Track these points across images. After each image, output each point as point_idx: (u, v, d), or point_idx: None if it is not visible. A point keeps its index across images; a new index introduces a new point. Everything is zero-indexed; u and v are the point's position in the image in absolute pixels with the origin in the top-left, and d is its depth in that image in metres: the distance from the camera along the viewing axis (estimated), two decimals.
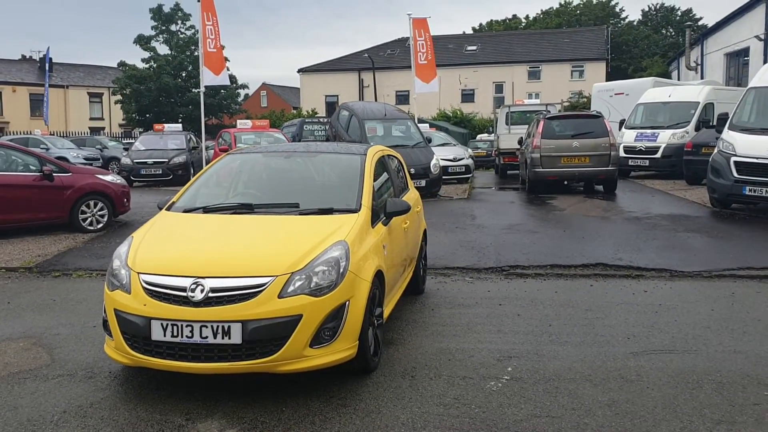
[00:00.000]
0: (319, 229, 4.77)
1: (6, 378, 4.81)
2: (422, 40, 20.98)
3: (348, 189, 5.41)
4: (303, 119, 21.63)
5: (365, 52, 55.60)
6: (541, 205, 13.80)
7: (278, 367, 4.20)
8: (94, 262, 9.04)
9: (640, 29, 69.18)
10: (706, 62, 30.63)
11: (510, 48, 55.93)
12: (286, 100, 70.45)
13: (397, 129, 15.71)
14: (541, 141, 15.11)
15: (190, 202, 5.41)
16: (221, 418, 4.11)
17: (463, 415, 4.12)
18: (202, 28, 18.38)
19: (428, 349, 5.37)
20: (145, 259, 4.47)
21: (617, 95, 24.00)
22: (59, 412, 4.22)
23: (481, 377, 4.74)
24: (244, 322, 4.09)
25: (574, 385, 4.57)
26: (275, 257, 4.36)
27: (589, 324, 6.05)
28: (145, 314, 4.19)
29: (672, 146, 18.49)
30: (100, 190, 11.00)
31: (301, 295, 4.21)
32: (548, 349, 5.35)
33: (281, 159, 6.14)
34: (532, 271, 8.36)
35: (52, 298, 7.17)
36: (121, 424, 4.04)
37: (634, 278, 7.96)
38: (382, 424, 4.01)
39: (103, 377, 4.81)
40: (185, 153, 20.38)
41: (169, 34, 46.29)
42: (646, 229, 10.80)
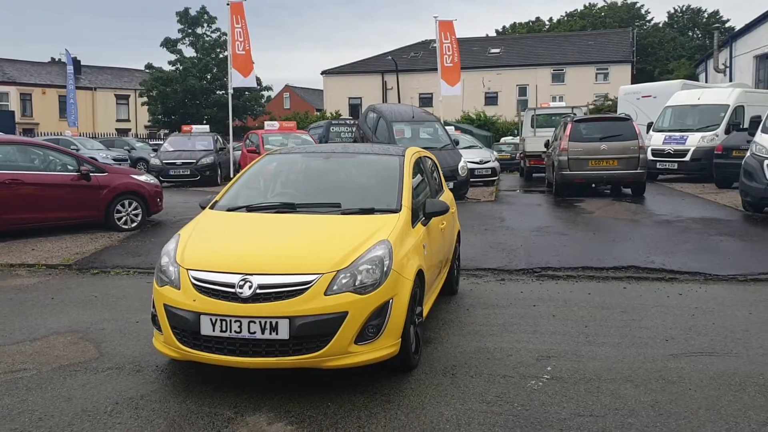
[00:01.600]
0: (362, 229, 4.85)
1: (57, 370, 4.94)
2: (448, 42, 21.04)
3: (388, 189, 5.49)
4: (329, 121, 21.78)
5: (388, 55, 55.69)
6: (569, 208, 13.77)
7: (324, 362, 4.28)
8: (130, 260, 9.21)
9: (665, 31, 68.66)
10: (735, 64, 30.34)
11: (534, 51, 55.71)
12: (309, 102, 70.83)
13: (425, 131, 15.77)
14: (569, 144, 15.08)
15: (232, 201, 5.53)
16: (269, 412, 4.20)
17: (506, 413, 4.17)
18: (231, 30, 18.59)
19: (466, 348, 5.43)
20: (193, 256, 4.58)
21: (644, 98, 23.85)
22: (112, 403, 4.34)
23: (521, 376, 4.79)
24: (291, 318, 4.18)
25: (615, 386, 4.61)
26: (321, 255, 4.45)
27: (625, 326, 6.07)
28: (195, 309, 4.30)
29: (701, 149, 18.34)
30: (134, 190, 11.19)
31: (346, 293, 4.30)
32: (586, 349, 5.38)
33: (321, 159, 6.24)
34: (563, 273, 8.38)
35: (94, 295, 7.33)
36: (172, 416, 4.15)
37: (668, 281, 7.95)
38: (427, 421, 4.07)
39: (150, 371, 4.93)
40: (213, 154, 20.59)
41: (195, 37, 46.72)
42: (677, 232, 10.76)
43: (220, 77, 47.33)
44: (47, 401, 4.38)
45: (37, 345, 5.54)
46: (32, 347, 5.48)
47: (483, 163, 19.21)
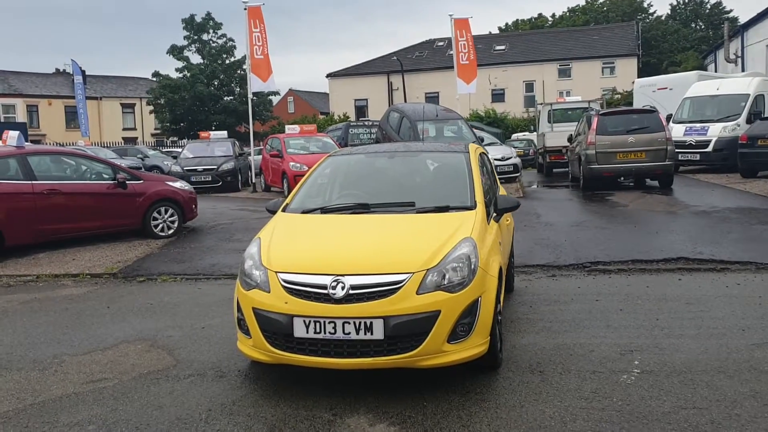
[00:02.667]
0: (443, 227, 4.80)
1: (138, 378, 4.90)
2: (464, 40, 20.98)
3: (459, 186, 5.44)
4: (348, 123, 21.72)
5: (393, 55, 55.64)
6: (602, 202, 13.70)
7: (418, 362, 4.23)
8: (175, 266, 9.16)
9: (668, 24, 68.49)
10: (747, 54, 30.21)
11: (539, 47, 55.60)
12: (314, 106, 70.76)
13: (449, 129, 15.71)
14: (596, 137, 15.02)
15: (304, 204, 5.48)
16: (366, 413, 4.15)
17: (608, 408, 4.11)
18: (249, 35, 18.54)
19: (544, 345, 5.36)
20: (280, 258, 4.53)
21: (660, 90, 23.78)
22: (205, 410, 4.29)
23: (611, 371, 4.73)
24: (385, 318, 4.13)
25: (709, 377, 4.54)
26: (409, 255, 4.40)
27: (696, 317, 6.00)
28: (287, 312, 4.25)
29: (723, 139, 18.27)
30: (170, 197, 11.15)
31: (438, 291, 4.24)
32: (666, 342, 5.32)
33: (385, 159, 6.18)
34: (614, 266, 8.32)
35: (149, 303, 7.28)
36: (270, 421, 4.10)
37: (720, 271, 7.88)
38: (530, 419, 4.02)
39: (233, 376, 4.87)
40: (233, 159, 20.57)
41: (201, 43, 46.76)
42: (717, 222, 10.68)
43: (228, 83, 47.45)
44: (138, 410, 4.33)
45: (110, 354, 5.49)
46: (105, 356, 5.43)
47: (505, 159, 19.14)
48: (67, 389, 4.73)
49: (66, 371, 5.10)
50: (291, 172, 17.00)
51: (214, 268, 8.98)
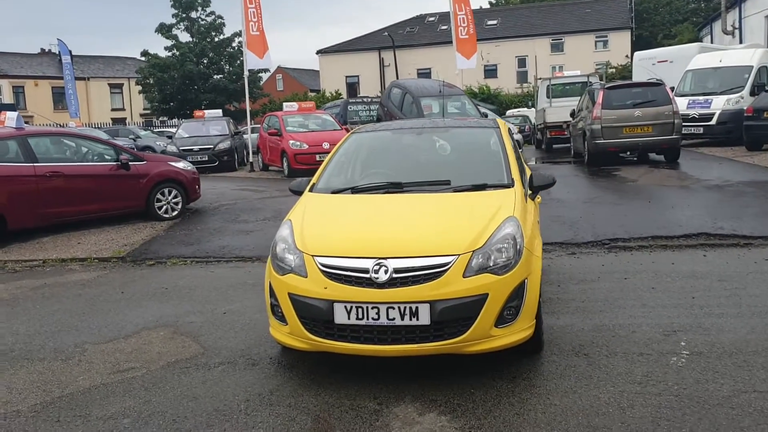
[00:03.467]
0: (483, 206, 4.59)
1: (167, 368, 4.70)
2: (462, 14, 20.65)
3: (493, 163, 5.23)
4: (346, 100, 21.39)
5: (384, 31, 55.05)
6: (609, 177, 13.53)
7: (466, 347, 4.05)
8: (184, 249, 8.94)
9: None
10: (745, 26, 29.97)
11: (530, 21, 55.14)
12: (303, 83, 70.07)
13: (453, 105, 15.44)
14: (601, 111, 14.79)
15: (332, 183, 5.26)
16: (413, 401, 3.97)
17: (664, 393, 3.95)
18: (245, 11, 18.13)
19: (583, 326, 5.20)
20: (317, 241, 4.31)
21: (660, 63, 23.54)
22: (242, 401, 4.10)
23: (659, 353, 4.57)
24: (432, 303, 3.94)
25: (763, 359, 4.39)
26: (453, 236, 4.20)
27: (732, 294, 5.85)
28: (328, 297, 4.04)
29: (727, 112, 18.08)
30: (173, 178, 10.88)
31: (485, 274, 4.05)
32: (709, 321, 5.16)
33: (413, 136, 5.95)
34: (634, 243, 8.17)
35: (164, 287, 7.06)
36: (314, 412, 3.92)
37: (744, 247, 7.74)
38: (586, 405, 3.85)
39: (266, 364, 4.68)
40: (229, 138, 20.24)
41: (189, 21, 46.01)
42: (733, 196, 10.54)
43: (217, 61, 46.81)
44: (172, 401, 4.14)
45: (133, 342, 5.28)
46: (128, 344, 5.23)
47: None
48: (94, 380, 4.53)
49: (90, 361, 4.89)
50: (291, 150, 16.72)
51: (224, 251, 8.76)
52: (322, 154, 16.58)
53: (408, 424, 3.72)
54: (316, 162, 16.56)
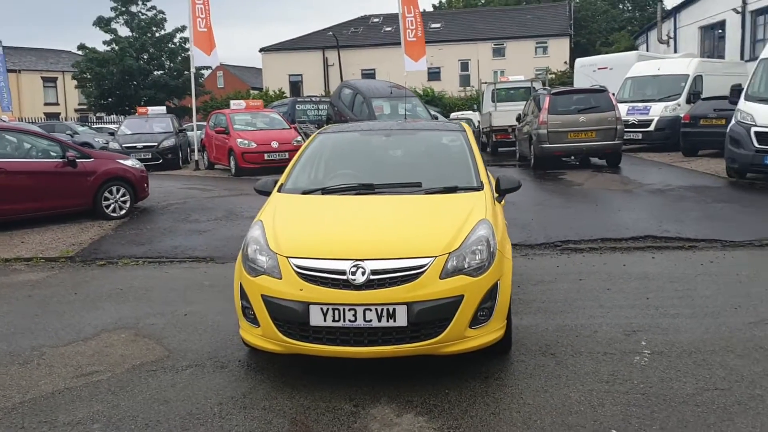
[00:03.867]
0: (456, 209, 4.65)
1: (132, 371, 4.59)
2: (411, 16, 20.75)
3: (462, 166, 5.30)
4: (294, 99, 21.22)
5: (329, 30, 54.86)
6: (556, 181, 13.84)
7: (441, 348, 4.09)
8: (135, 249, 8.73)
9: (597, 4, 69.82)
10: (680, 35, 31.11)
11: (473, 25, 55.85)
12: (245, 81, 69.18)
13: (403, 107, 15.48)
14: (548, 117, 15.13)
15: (301, 184, 5.23)
16: (389, 403, 3.99)
17: (632, 391, 4.08)
18: (192, 7, 17.80)
19: (546, 326, 5.31)
20: (291, 243, 4.28)
21: (600, 70, 24.20)
22: (215, 404, 4.04)
23: (622, 352, 4.71)
24: (409, 304, 3.97)
25: (720, 357, 4.58)
26: (430, 238, 4.23)
27: (684, 295, 6.08)
28: (303, 299, 4.02)
29: (665, 119, 18.76)
30: (121, 176, 10.61)
31: (460, 275, 4.10)
32: (666, 322, 5.35)
33: (382, 137, 5.97)
34: (585, 245, 8.38)
35: (119, 288, 6.88)
36: (289, 414, 3.89)
37: (688, 249, 8.03)
38: (558, 403, 3.94)
39: (235, 367, 4.62)
40: (173, 136, 19.85)
41: (129, 15, 44.80)
42: (675, 200, 10.94)
43: (158, 57, 45.69)
44: (142, 405, 4.04)
45: (93, 345, 5.13)
46: (89, 347, 5.08)
47: None
48: (57, 384, 4.38)
49: (50, 364, 4.74)
50: (239, 149, 16.52)
51: (176, 251, 8.59)
52: (270, 153, 16.49)
53: (387, 425, 3.74)
54: (265, 161, 16.47)
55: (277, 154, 16.47)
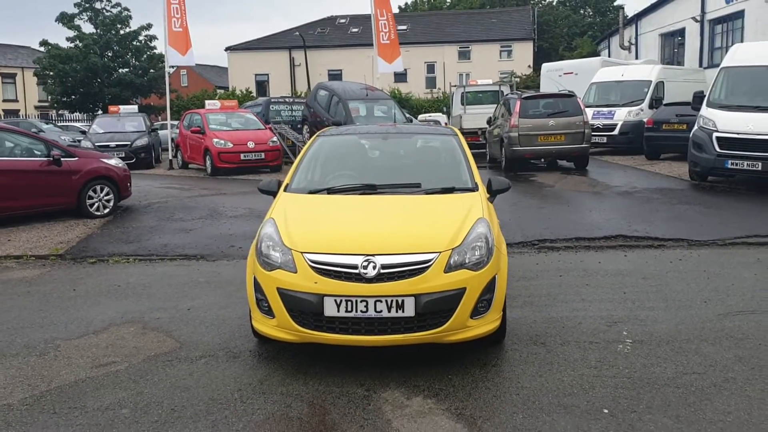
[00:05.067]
0: (455, 208, 5.00)
1: (149, 361, 4.82)
2: (384, 19, 21.10)
3: (457, 168, 5.66)
4: (269, 99, 21.36)
5: (295, 30, 54.92)
6: (528, 183, 14.31)
7: (445, 337, 4.42)
8: (124, 247, 8.88)
9: (559, 9, 71.15)
10: (641, 42, 32.05)
11: (439, 28, 56.45)
12: (209, 80, 68.74)
13: (379, 109, 15.85)
14: (519, 120, 15.61)
15: (306, 184, 5.51)
16: (398, 387, 4.31)
17: (618, 375, 4.47)
18: (167, 6, 17.86)
19: (534, 318, 5.68)
20: (305, 239, 4.56)
21: (566, 74, 24.87)
22: (234, 390, 4.31)
23: (606, 341, 5.10)
24: (417, 296, 4.29)
25: (695, 345, 5.00)
26: (435, 235, 4.56)
27: (658, 290, 6.51)
28: (318, 291, 4.31)
29: (629, 123, 19.43)
30: (105, 175, 10.72)
31: (463, 270, 4.44)
32: (643, 314, 5.76)
33: (379, 140, 6.28)
34: (560, 244, 8.80)
35: (116, 284, 7.06)
36: (307, 398, 4.18)
37: (657, 248, 8.51)
38: (553, 387, 4.30)
39: (247, 356, 4.89)
40: (146, 135, 19.85)
41: (93, 11, 44.25)
42: (642, 202, 11.46)
43: (123, 54, 45.20)
44: (165, 392, 4.29)
45: (105, 337, 5.34)
46: (101, 340, 5.28)
47: None
48: (78, 374, 4.59)
49: (67, 356, 4.94)
50: (215, 148, 16.65)
51: (166, 249, 8.77)
52: (247, 153, 16.66)
53: (398, 407, 4.05)
54: (241, 161, 16.64)
55: (253, 154, 16.66)
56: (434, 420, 3.89)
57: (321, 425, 3.86)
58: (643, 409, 3.97)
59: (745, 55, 13.23)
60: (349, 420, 3.90)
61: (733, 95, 12.73)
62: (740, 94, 12.69)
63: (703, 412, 3.93)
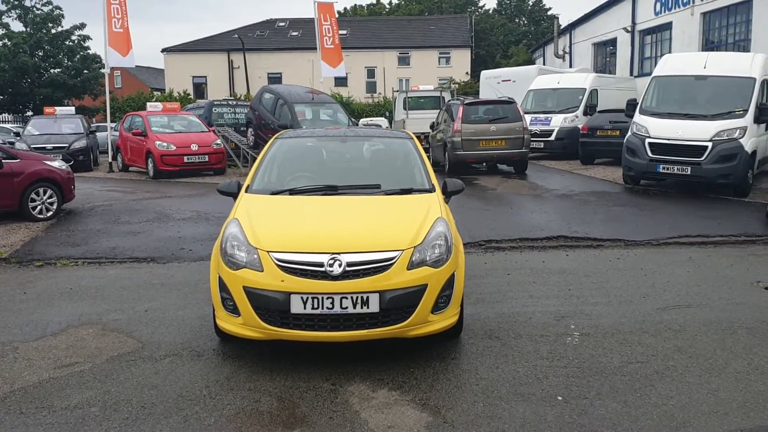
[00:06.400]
0: (414, 208, 5.20)
1: (112, 361, 4.84)
2: (328, 24, 21.25)
3: (413, 170, 5.86)
4: (211, 102, 21.15)
5: (234, 33, 54.43)
6: (472, 186, 14.66)
7: (408, 332, 4.61)
8: (71, 250, 8.75)
9: (495, 18, 72.69)
10: (575, 51, 33.13)
11: (379, 33, 56.88)
12: (144, 81, 67.36)
13: (325, 113, 15.97)
14: (461, 125, 15.98)
15: (269, 185, 5.60)
16: (363, 381, 4.47)
17: (569, 366, 4.75)
18: (107, 6, 17.55)
19: (487, 314, 5.93)
20: (270, 238, 4.67)
21: (504, 82, 25.49)
22: (202, 387, 4.39)
23: (556, 335, 5.39)
24: (381, 293, 4.46)
25: (637, 337, 5.33)
26: (397, 233, 4.75)
27: (599, 287, 6.87)
28: (285, 289, 4.43)
29: (564, 129, 20.10)
30: (48, 177, 10.51)
31: (424, 267, 4.64)
32: (588, 309, 6.09)
33: (338, 143, 6.43)
34: (506, 244, 9.13)
35: (67, 287, 6.99)
36: (276, 393, 4.30)
37: (596, 248, 8.92)
38: (509, 377, 4.55)
39: (211, 355, 4.96)
40: (84, 137, 19.42)
41: (23, 9, 42.88)
42: (580, 204, 11.94)
43: (54, 54, 43.94)
44: (133, 390, 4.34)
45: (64, 339, 5.32)
46: (61, 341, 5.26)
47: None
48: (41, 375, 4.59)
49: (27, 357, 4.91)
50: (158, 151, 16.44)
51: (115, 252, 8.69)
52: (190, 155, 16.53)
53: (365, 399, 4.22)
54: (184, 164, 16.49)
55: (196, 157, 16.53)
56: (400, 410, 4.07)
57: (291, 418, 3.99)
58: (593, 396, 4.25)
59: (675, 65, 13.94)
60: (318, 412, 4.05)
61: (664, 103, 13.39)
62: (670, 102, 13.36)
63: (648, 397, 4.24)
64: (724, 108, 12.65)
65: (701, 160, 12.16)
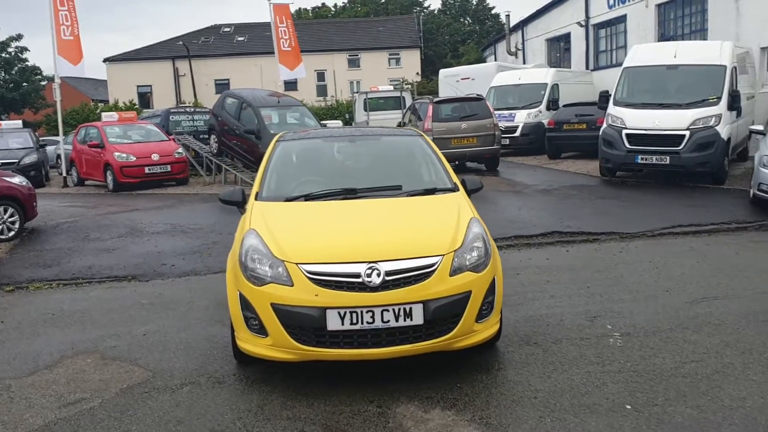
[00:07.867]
0: (443, 209, 4.84)
1: (124, 395, 4.32)
2: (284, 26, 20.72)
3: (433, 169, 5.50)
4: (168, 109, 20.33)
5: (179, 40, 53.17)
6: None
7: (454, 344, 4.23)
8: (43, 271, 8.10)
9: (441, 18, 72.94)
10: (528, 47, 33.26)
11: (327, 36, 56.34)
12: (84, 93, 65.25)
13: (292, 116, 15.45)
14: (432, 124, 15.69)
15: (281, 191, 5.13)
16: (411, 401, 4.08)
17: (623, 370, 4.44)
18: (54, 13, 16.67)
19: (514, 318, 5.58)
20: (298, 249, 4.23)
21: (463, 80, 25.34)
22: (235, 419, 3.92)
23: (596, 336, 5.09)
24: (425, 303, 4.07)
25: (681, 334, 5.07)
26: (435, 237, 4.37)
27: (616, 283, 6.62)
28: (319, 304, 4.00)
29: (529, 125, 20.01)
30: (9, 194, 9.79)
31: (466, 272, 4.27)
32: (616, 307, 5.81)
33: (346, 143, 6.00)
34: (502, 243, 8.80)
35: (48, 312, 6.38)
36: (318, 421, 3.87)
37: (593, 242, 8.72)
38: (566, 387, 4.21)
39: (233, 381, 4.49)
40: (34, 152, 18.45)
41: None
42: (563, 199, 11.77)
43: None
44: (156, 428, 3.85)
45: (61, 372, 4.77)
46: (58, 375, 4.71)
47: None
48: (46, 416, 4.05)
49: (25, 396, 4.35)
50: (117, 163, 15.68)
51: (92, 271, 8.08)
52: (151, 166, 15.84)
53: (420, 422, 3.82)
54: (146, 175, 15.78)
55: (158, 167, 15.82)
56: None
57: None
58: (663, 402, 3.95)
59: (645, 55, 13.93)
60: None
61: (637, 94, 13.34)
62: (643, 92, 13.32)
63: (721, 400, 3.96)
64: (698, 96, 12.66)
65: (680, 149, 12.12)
